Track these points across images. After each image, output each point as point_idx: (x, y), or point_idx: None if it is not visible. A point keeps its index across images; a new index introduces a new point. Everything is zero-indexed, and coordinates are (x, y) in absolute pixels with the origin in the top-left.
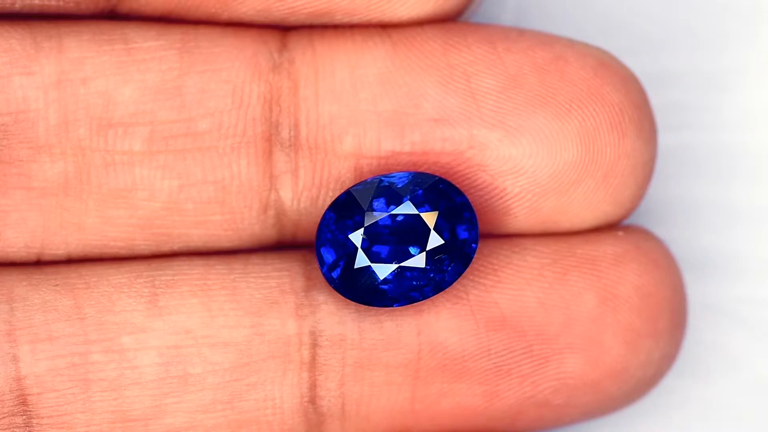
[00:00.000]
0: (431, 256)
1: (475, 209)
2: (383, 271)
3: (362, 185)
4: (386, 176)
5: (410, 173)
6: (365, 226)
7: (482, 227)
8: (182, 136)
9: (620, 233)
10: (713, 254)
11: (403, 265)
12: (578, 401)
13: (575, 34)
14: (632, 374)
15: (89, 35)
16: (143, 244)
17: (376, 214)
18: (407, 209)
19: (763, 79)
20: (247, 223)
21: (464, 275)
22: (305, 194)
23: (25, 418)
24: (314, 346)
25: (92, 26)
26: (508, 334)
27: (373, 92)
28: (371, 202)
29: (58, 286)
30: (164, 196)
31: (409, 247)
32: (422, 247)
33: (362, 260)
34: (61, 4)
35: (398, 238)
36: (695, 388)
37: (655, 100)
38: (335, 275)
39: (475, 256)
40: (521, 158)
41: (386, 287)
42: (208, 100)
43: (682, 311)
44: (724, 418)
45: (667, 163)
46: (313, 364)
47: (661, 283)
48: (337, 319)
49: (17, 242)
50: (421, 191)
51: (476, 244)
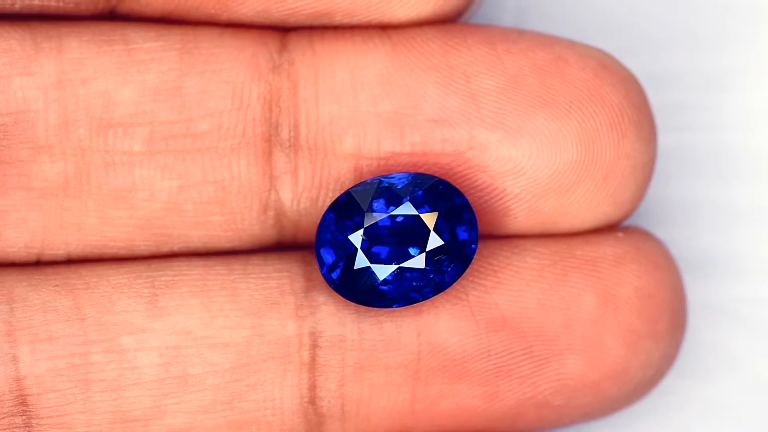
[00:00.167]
0: (431, 256)
1: (474, 210)
2: (383, 271)
3: (362, 186)
4: (386, 177)
5: (410, 174)
6: (365, 226)
7: (482, 228)
8: (182, 136)
9: (620, 234)
10: (713, 254)
11: (402, 265)
12: (578, 402)
13: (575, 34)
14: (632, 375)
15: (89, 36)
16: (143, 244)
17: (375, 214)
18: (407, 210)
19: (763, 79)
20: (246, 223)
21: (464, 276)
22: (305, 195)
23: (24, 418)
24: (314, 346)
25: (92, 27)
26: (508, 335)
27: (372, 93)
28: (371, 202)
29: (58, 286)
30: (164, 196)
31: (408, 247)
32: (422, 247)
33: (362, 261)
34: (61, 4)
35: (398, 238)
36: (695, 388)
37: (655, 100)
38: (335, 276)
39: (474, 257)
40: (521, 159)
41: (386, 288)
42: (207, 100)
43: (682, 312)
44: (724, 418)
45: (667, 163)
46: (312, 364)
47: (661, 284)
48: (336, 319)
49: (17, 242)
50: (420, 192)
51: (476, 245)
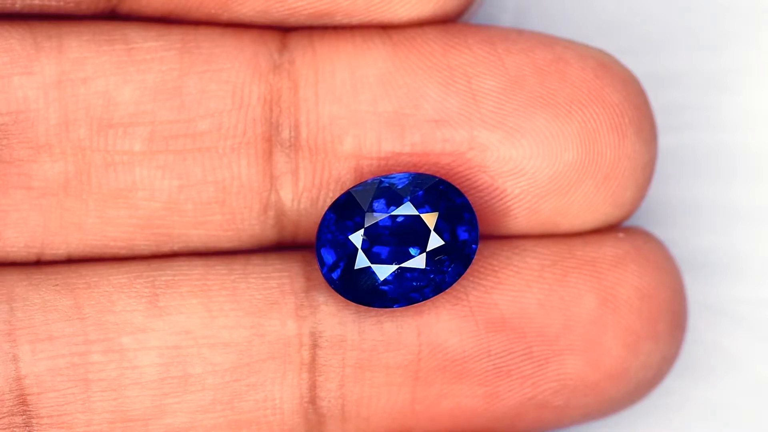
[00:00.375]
0: (431, 257)
1: (475, 210)
2: (383, 271)
3: (362, 186)
4: (386, 177)
5: (410, 174)
6: (365, 227)
7: (482, 228)
8: (182, 136)
9: (620, 235)
10: (713, 254)
11: (403, 266)
12: (578, 403)
13: (575, 34)
14: (632, 376)
15: (89, 35)
16: (143, 244)
17: (376, 215)
18: (407, 210)
19: (763, 79)
20: (247, 223)
21: (464, 276)
22: (305, 195)
23: (25, 418)
24: (314, 346)
25: (92, 26)
26: (508, 335)
27: (373, 93)
28: (371, 202)
29: (58, 286)
30: (164, 196)
31: (409, 248)
32: (422, 248)
33: (362, 261)
34: (61, 4)
35: (398, 239)
36: (695, 388)
37: (655, 100)
38: (335, 276)
39: (475, 257)
40: (521, 159)
41: (386, 288)
42: (208, 100)
43: (682, 313)
44: (724, 418)
45: (667, 163)
46: (313, 364)
47: (661, 284)
48: (337, 319)
49: (17, 242)
50: (421, 192)
51: (476, 245)
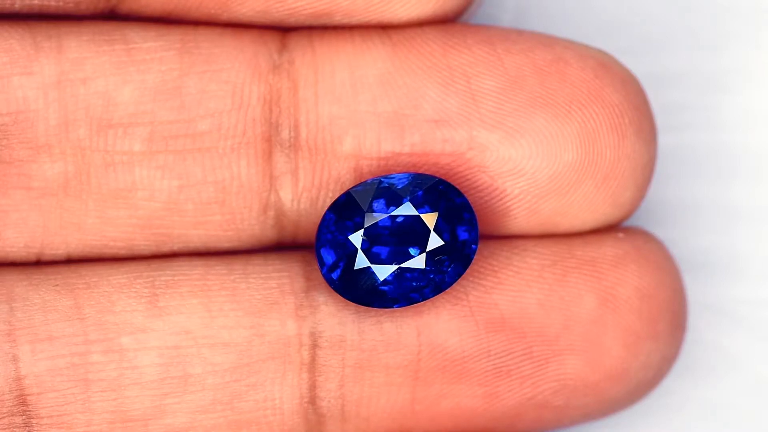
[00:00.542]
0: (431, 257)
1: (475, 210)
2: (383, 272)
3: (362, 186)
4: (386, 177)
5: (410, 174)
6: (365, 227)
7: (482, 228)
8: (182, 136)
9: (620, 235)
10: (713, 254)
11: (403, 266)
12: (578, 403)
13: (575, 34)
14: (632, 376)
15: (89, 35)
16: (143, 244)
17: (376, 215)
18: (407, 210)
19: (763, 79)
20: (246, 223)
21: (464, 276)
22: (305, 195)
23: (24, 418)
24: (314, 347)
25: (92, 26)
26: (508, 335)
27: (372, 93)
28: (371, 203)
29: (58, 286)
30: (164, 196)
31: (409, 248)
32: (422, 248)
33: (362, 261)
34: (60, 4)
35: (398, 239)
36: (695, 388)
37: (655, 100)
38: (335, 276)
39: (475, 257)
40: (521, 159)
41: (386, 288)
42: (207, 100)
43: (682, 313)
44: (724, 418)
45: (667, 163)
46: (312, 365)
47: (661, 284)
48: (337, 320)
49: (17, 242)
50: (421, 192)
51: (476, 245)
